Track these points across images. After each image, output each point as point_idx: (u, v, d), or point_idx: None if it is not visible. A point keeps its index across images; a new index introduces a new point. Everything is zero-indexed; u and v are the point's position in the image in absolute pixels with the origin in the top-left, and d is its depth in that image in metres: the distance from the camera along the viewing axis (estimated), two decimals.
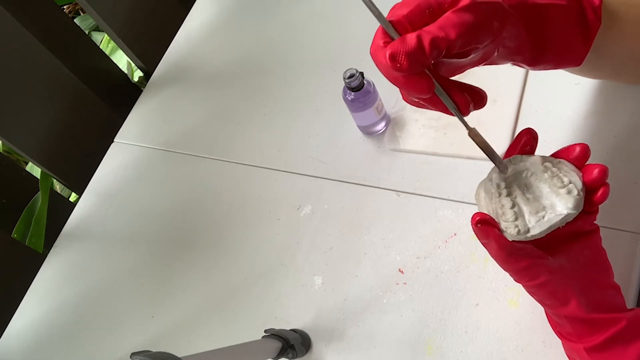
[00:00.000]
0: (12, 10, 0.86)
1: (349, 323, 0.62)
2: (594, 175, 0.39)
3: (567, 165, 0.40)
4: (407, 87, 0.35)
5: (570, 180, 0.39)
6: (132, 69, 1.49)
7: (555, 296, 0.40)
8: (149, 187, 0.89)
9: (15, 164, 1.03)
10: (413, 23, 0.34)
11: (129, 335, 0.75)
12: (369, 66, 0.72)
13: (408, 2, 0.35)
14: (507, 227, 0.39)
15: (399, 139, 0.71)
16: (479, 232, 0.40)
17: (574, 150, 0.40)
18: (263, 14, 0.98)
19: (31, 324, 0.84)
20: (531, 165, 0.40)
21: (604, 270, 0.42)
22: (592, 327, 0.40)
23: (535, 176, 0.40)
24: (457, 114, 0.37)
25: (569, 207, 0.38)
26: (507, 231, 0.39)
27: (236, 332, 0.68)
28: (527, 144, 0.42)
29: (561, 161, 0.40)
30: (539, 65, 0.40)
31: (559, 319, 0.42)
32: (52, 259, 0.90)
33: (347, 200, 0.70)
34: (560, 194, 0.39)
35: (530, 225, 0.39)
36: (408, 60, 0.32)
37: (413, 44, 0.32)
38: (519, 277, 0.41)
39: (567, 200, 0.38)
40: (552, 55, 0.39)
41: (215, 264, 0.75)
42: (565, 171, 0.40)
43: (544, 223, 0.39)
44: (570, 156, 0.40)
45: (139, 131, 0.97)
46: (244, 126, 0.86)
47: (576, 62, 0.41)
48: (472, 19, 0.33)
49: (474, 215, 0.39)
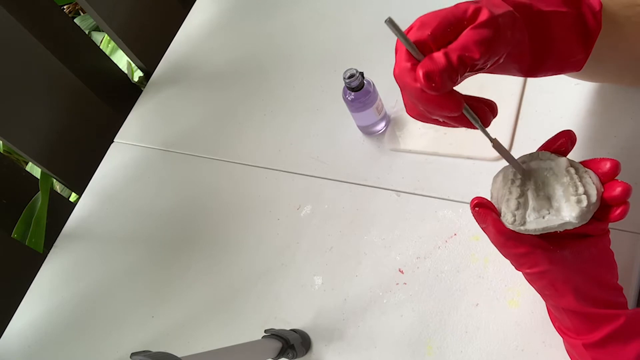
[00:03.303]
0: (12, 10, 0.86)
1: (349, 323, 0.62)
2: (616, 193, 0.38)
3: (592, 177, 0.39)
4: (439, 107, 0.34)
5: (586, 191, 0.39)
6: (132, 69, 1.49)
7: (554, 286, 0.40)
8: (148, 187, 0.89)
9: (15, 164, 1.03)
10: (437, 41, 0.34)
11: (129, 335, 0.75)
12: (369, 66, 0.72)
13: (428, 21, 0.34)
14: (505, 213, 0.40)
15: (399, 139, 0.71)
16: (476, 215, 0.41)
17: (605, 165, 0.40)
18: (263, 14, 0.98)
19: (31, 324, 0.84)
20: (556, 165, 0.41)
21: (607, 270, 0.42)
22: (590, 322, 0.40)
23: (555, 177, 0.40)
24: (480, 127, 0.37)
25: (573, 216, 0.38)
26: (504, 217, 0.40)
27: (236, 332, 0.68)
28: (563, 145, 0.41)
29: (587, 171, 0.40)
30: (538, 73, 0.40)
31: (558, 312, 0.42)
32: (52, 259, 0.90)
33: (347, 200, 0.70)
34: (570, 201, 0.39)
35: (528, 219, 0.39)
36: (441, 79, 0.32)
37: (443, 62, 0.32)
38: (518, 263, 0.41)
39: (573, 209, 0.38)
40: (552, 62, 0.39)
41: (215, 264, 0.75)
42: (586, 181, 0.39)
43: (541, 222, 0.39)
44: (599, 170, 0.40)
45: (139, 131, 0.97)
46: (244, 126, 0.86)
47: (576, 68, 0.41)
48: (492, 35, 0.33)
49: (473, 199, 0.41)
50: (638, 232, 0.53)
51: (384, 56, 0.79)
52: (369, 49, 0.81)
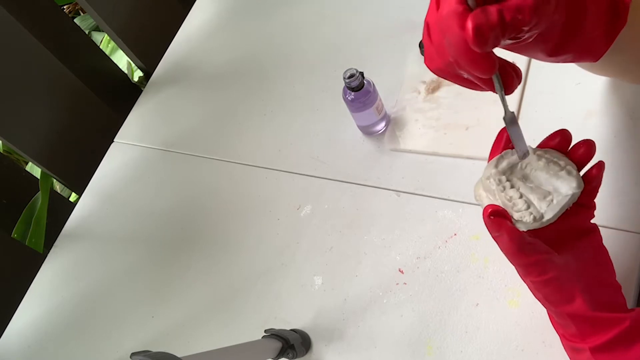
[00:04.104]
0: (12, 10, 0.86)
1: (349, 323, 0.62)
2: (581, 152, 0.39)
3: (556, 152, 0.40)
4: (474, 64, 0.32)
5: (566, 162, 0.40)
6: (132, 69, 1.49)
7: (561, 293, 0.40)
8: (148, 187, 0.89)
9: (15, 164, 1.03)
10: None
11: (129, 335, 0.75)
12: (369, 66, 0.72)
13: None
14: (522, 216, 0.39)
15: (399, 139, 0.71)
16: (491, 224, 0.39)
17: (556, 137, 0.40)
18: (263, 14, 0.98)
19: (31, 324, 0.84)
20: None
21: (606, 268, 0.42)
22: (595, 326, 0.40)
23: (530, 166, 0.41)
24: (501, 95, 0.36)
25: (573, 186, 0.39)
26: (523, 220, 0.39)
27: (236, 332, 0.68)
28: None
29: (548, 150, 0.41)
30: (559, 56, 0.38)
31: (562, 319, 0.42)
32: (52, 259, 0.90)
33: (347, 200, 0.70)
34: (561, 177, 0.39)
35: (543, 210, 0.39)
36: (490, 36, 0.30)
37: (496, 19, 0.30)
38: (527, 272, 0.40)
39: (570, 181, 0.39)
40: (575, 46, 0.37)
41: (215, 264, 0.75)
42: (557, 157, 0.40)
43: (554, 206, 0.39)
44: (553, 143, 0.40)
45: (139, 131, 0.97)
46: (244, 126, 0.86)
47: (595, 57, 0.39)
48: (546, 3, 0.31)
49: (486, 208, 0.39)
50: (638, 232, 0.53)
51: (384, 56, 0.80)
52: (369, 49, 0.81)
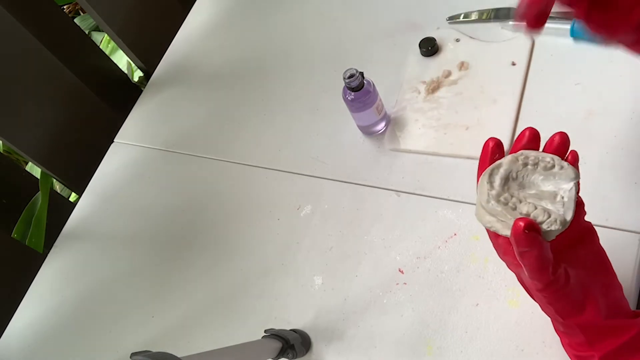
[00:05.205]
0: (12, 10, 0.86)
1: (349, 323, 0.62)
2: (557, 142, 0.39)
3: (533, 151, 0.39)
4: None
5: (550, 157, 0.38)
6: (132, 69, 1.49)
7: (572, 305, 0.39)
8: (148, 187, 0.89)
9: (15, 164, 1.03)
10: None
11: (129, 335, 0.75)
12: (369, 66, 0.72)
13: None
14: (549, 225, 0.37)
15: (399, 139, 0.71)
16: (525, 239, 0.35)
17: (524, 136, 0.40)
18: (263, 14, 0.98)
19: (31, 324, 0.84)
20: (509, 166, 0.39)
21: (607, 269, 0.42)
22: (604, 333, 0.40)
23: (520, 173, 0.39)
24: None
25: (572, 177, 0.38)
26: (552, 229, 0.37)
27: (236, 332, 0.68)
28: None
29: (523, 152, 0.40)
30: None
31: (570, 329, 0.41)
32: (52, 259, 0.90)
33: (347, 200, 0.70)
34: (555, 172, 0.38)
35: (561, 212, 0.37)
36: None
37: None
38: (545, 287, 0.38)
39: (566, 173, 0.38)
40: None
41: (215, 264, 0.75)
42: (539, 155, 0.39)
43: (568, 203, 0.37)
44: (522, 143, 0.40)
45: (139, 131, 0.97)
46: (244, 126, 0.86)
47: None
48: None
49: (518, 221, 0.35)
50: (638, 232, 0.53)
51: (384, 56, 0.80)
52: (369, 49, 0.81)
